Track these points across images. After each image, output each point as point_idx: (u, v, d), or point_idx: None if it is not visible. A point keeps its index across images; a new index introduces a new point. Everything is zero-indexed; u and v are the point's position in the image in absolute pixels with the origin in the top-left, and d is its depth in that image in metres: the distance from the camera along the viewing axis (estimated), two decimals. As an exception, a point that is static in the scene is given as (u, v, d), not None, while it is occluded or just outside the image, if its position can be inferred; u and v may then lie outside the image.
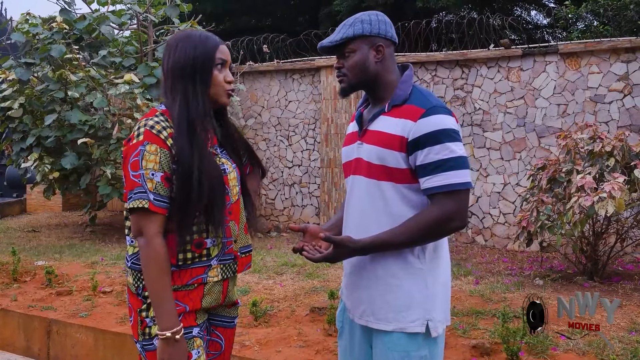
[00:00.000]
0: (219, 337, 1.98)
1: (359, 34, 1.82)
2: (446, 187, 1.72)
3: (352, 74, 1.85)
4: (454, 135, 1.74)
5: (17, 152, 7.46)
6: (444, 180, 1.71)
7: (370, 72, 1.84)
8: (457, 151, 1.73)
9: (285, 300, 4.40)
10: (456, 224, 1.74)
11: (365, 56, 1.82)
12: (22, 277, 5.35)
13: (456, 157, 1.72)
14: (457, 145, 1.74)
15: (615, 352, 3.19)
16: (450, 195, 1.72)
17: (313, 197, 7.94)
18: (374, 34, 1.83)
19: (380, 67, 1.84)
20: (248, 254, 1.97)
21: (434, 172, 1.72)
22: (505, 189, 6.63)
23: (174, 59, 1.81)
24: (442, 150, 1.71)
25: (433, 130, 1.72)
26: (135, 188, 1.73)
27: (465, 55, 6.81)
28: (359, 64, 1.83)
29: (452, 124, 1.75)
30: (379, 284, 1.80)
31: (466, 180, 1.73)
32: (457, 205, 1.73)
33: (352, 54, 1.83)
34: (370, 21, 1.83)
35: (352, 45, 1.82)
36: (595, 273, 4.86)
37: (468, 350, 3.36)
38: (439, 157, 1.71)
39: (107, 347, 4.04)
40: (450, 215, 1.72)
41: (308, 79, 7.96)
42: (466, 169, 1.74)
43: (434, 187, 1.73)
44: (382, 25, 1.84)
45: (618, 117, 6.07)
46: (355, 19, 1.84)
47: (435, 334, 1.77)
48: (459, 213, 1.73)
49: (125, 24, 7.69)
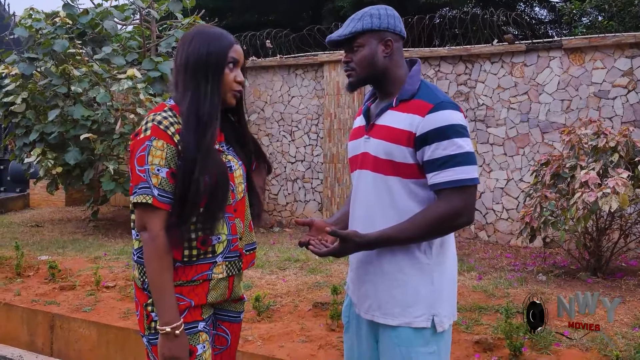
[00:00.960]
0: (225, 332, 1.99)
1: (368, 28, 1.81)
2: (454, 182, 1.71)
3: (360, 68, 1.84)
4: (461, 130, 1.73)
5: (20, 147, 7.47)
6: (451, 175, 1.71)
7: (378, 66, 1.83)
8: (464, 147, 1.73)
9: (288, 295, 4.41)
10: (463, 219, 1.74)
11: (373, 51, 1.82)
12: (26, 272, 5.36)
13: (464, 153, 1.72)
14: (465, 140, 1.74)
15: (618, 348, 3.19)
16: (457, 190, 1.72)
17: (316, 193, 7.94)
18: (383, 28, 1.82)
19: (389, 62, 1.84)
20: (252, 251, 1.98)
21: (442, 167, 1.72)
22: (509, 184, 6.62)
23: (187, 53, 1.81)
24: (450, 145, 1.71)
25: (441, 125, 1.71)
26: (140, 183, 1.73)
27: (468, 50, 6.79)
28: (367, 59, 1.82)
29: (460, 119, 1.75)
30: (385, 279, 1.80)
31: (473, 176, 1.74)
32: (464, 200, 1.72)
33: (361, 48, 1.82)
34: (379, 15, 1.82)
35: (360, 40, 1.82)
36: (599, 269, 4.85)
37: (471, 345, 3.36)
38: (446, 153, 1.71)
39: (110, 341, 4.06)
40: (458, 210, 1.72)
41: (311, 74, 7.95)
42: (474, 165, 1.74)
43: (441, 182, 1.73)
44: (391, 20, 1.83)
45: (622, 113, 6.05)
46: (364, 12, 1.83)
47: (441, 329, 1.78)
48: (466, 208, 1.73)
49: (129, 18, 7.68)
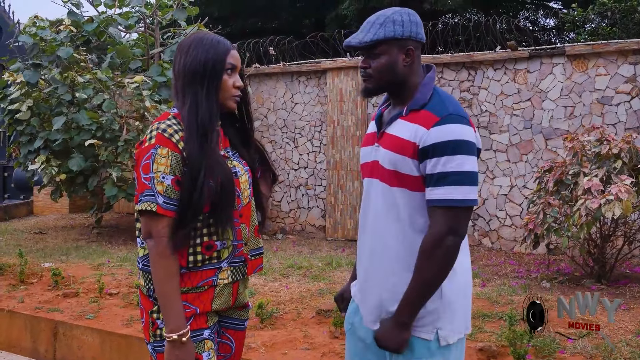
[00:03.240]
0: (230, 340, 1.99)
1: (391, 37, 1.72)
2: (443, 201, 1.65)
3: (378, 76, 1.76)
4: (465, 147, 1.65)
5: (25, 155, 7.49)
6: (442, 194, 1.65)
7: (397, 75, 1.76)
8: (464, 165, 1.64)
9: (291, 302, 4.40)
10: (452, 239, 1.65)
11: (394, 60, 1.74)
12: (29, 279, 5.36)
13: (461, 172, 1.64)
14: (467, 158, 1.65)
15: (623, 355, 3.17)
16: (444, 211, 1.65)
17: (319, 200, 7.94)
18: (406, 36, 1.73)
19: (408, 71, 1.76)
20: (259, 256, 1.98)
21: (437, 184, 1.65)
22: (512, 191, 6.61)
23: (185, 61, 1.82)
24: (449, 162, 1.64)
25: (444, 140, 1.64)
26: (145, 191, 1.74)
27: (471, 57, 6.80)
28: (386, 67, 1.75)
29: (466, 134, 1.67)
30: (394, 292, 1.75)
31: (467, 197, 1.65)
32: (450, 222, 1.65)
33: (382, 56, 1.74)
34: (402, 22, 1.73)
35: (382, 47, 1.73)
36: (603, 276, 4.83)
37: (475, 353, 3.35)
38: (443, 169, 1.64)
39: (113, 349, 4.05)
40: (442, 233, 1.65)
41: (314, 81, 7.96)
42: (471, 186, 1.66)
43: (432, 199, 1.67)
44: (414, 27, 1.75)
45: (625, 119, 6.05)
46: (387, 18, 1.74)
47: (445, 343, 1.72)
48: (452, 230, 1.65)
49: (133, 26, 7.72)
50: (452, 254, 1.67)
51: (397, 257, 1.75)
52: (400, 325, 1.69)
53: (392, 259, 1.76)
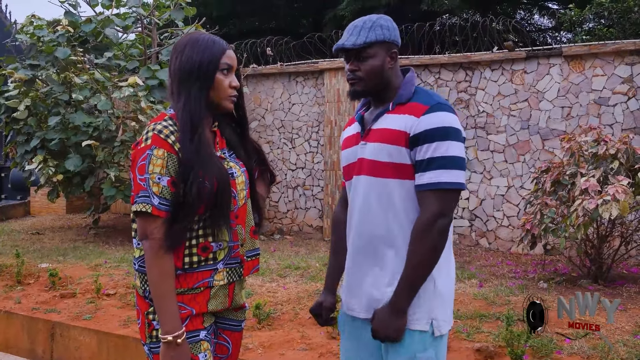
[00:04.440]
0: (226, 341, 1.99)
1: (381, 40, 1.81)
2: (434, 185, 1.71)
3: (368, 79, 1.83)
4: (454, 134, 1.73)
5: (22, 155, 7.48)
6: (432, 178, 1.72)
7: (384, 77, 1.85)
8: (453, 150, 1.72)
9: (288, 303, 4.40)
10: (442, 221, 1.71)
11: (382, 62, 1.83)
12: (26, 280, 5.36)
13: (450, 157, 1.71)
14: (456, 144, 1.73)
15: (620, 356, 3.18)
16: (435, 194, 1.71)
17: (316, 200, 7.94)
18: (391, 40, 1.84)
19: (391, 73, 1.86)
20: (255, 257, 1.98)
21: (427, 168, 1.72)
22: (509, 191, 6.62)
23: (180, 61, 1.82)
24: (439, 148, 1.71)
25: (434, 127, 1.72)
26: (140, 192, 1.74)
27: (468, 57, 6.81)
28: (376, 70, 1.82)
29: (455, 122, 1.75)
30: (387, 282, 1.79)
31: (456, 180, 1.72)
32: (441, 205, 1.71)
33: (371, 58, 1.82)
34: (388, 27, 1.83)
35: (371, 50, 1.81)
36: (600, 276, 4.84)
37: (472, 353, 3.35)
38: (433, 155, 1.72)
39: (110, 349, 4.05)
40: (434, 216, 1.71)
41: (312, 82, 7.96)
42: (459, 170, 1.73)
43: (422, 183, 1.73)
44: (396, 32, 1.86)
45: (622, 120, 6.06)
46: (374, 22, 1.83)
47: (439, 333, 1.78)
48: (444, 212, 1.71)
49: (130, 27, 7.71)
50: (443, 235, 1.73)
51: (389, 243, 1.80)
52: (397, 311, 1.73)
53: (383, 245, 1.80)
